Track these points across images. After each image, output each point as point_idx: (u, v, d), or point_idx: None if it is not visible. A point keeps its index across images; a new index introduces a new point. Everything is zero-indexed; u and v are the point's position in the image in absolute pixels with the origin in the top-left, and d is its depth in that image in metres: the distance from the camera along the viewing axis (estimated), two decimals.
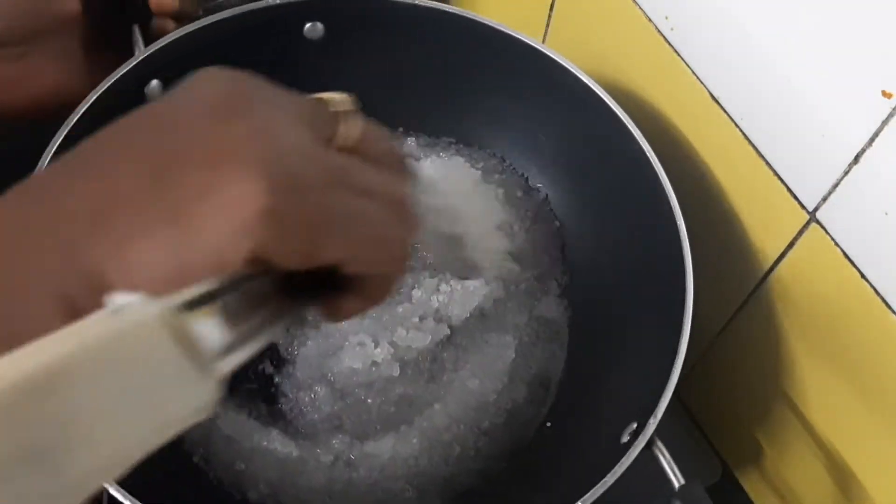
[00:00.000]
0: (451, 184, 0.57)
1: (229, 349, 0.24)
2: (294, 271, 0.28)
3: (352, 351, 0.53)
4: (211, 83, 0.28)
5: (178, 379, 0.22)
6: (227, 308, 0.24)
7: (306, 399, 0.53)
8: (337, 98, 0.31)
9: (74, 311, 0.25)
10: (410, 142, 0.64)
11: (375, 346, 0.53)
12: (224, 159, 0.26)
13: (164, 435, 0.22)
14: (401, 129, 0.65)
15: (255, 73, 0.30)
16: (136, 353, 0.21)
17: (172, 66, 0.55)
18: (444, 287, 0.56)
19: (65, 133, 0.50)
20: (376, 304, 0.32)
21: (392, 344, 0.54)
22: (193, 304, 0.23)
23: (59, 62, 0.55)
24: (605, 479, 0.43)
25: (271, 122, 0.27)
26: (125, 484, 0.42)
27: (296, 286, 0.29)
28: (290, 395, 0.54)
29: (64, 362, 0.19)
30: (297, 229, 0.27)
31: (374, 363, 0.53)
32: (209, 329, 0.23)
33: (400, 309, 0.55)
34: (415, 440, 0.52)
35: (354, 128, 0.31)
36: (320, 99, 0.31)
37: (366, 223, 0.29)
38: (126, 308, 0.21)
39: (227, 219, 0.25)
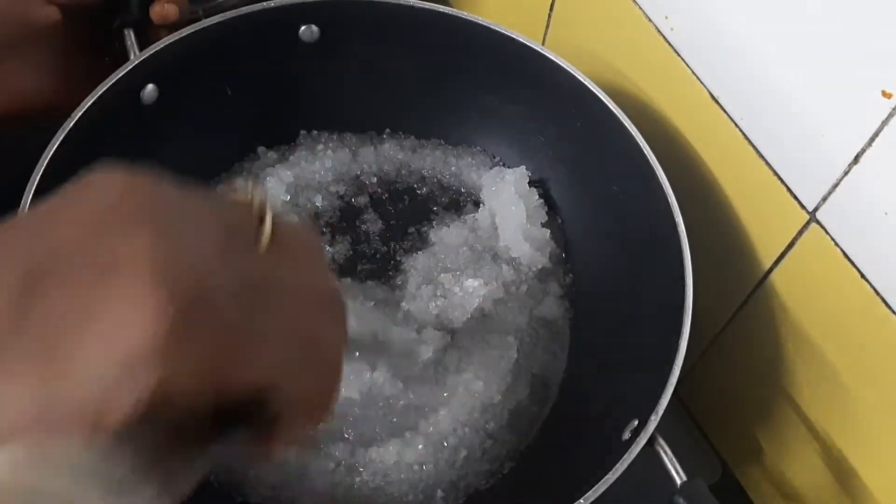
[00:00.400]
0: None
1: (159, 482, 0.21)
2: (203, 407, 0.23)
3: (346, 382, 0.52)
4: (104, 186, 0.24)
5: None
6: (126, 464, 0.21)
7: None
8: (255, 194, 0.27)
9: None
10: (405, 143, 0.64)
11: (373, 371, 0.52)
12: (111, 274, 0.21)
13: None
14: (399, 132, 0.65)
15: (159, 175, 0.25)
16: None
17: (168, 70, 0.55)
18: (440, 291, 0.56)
19: (62, 137, 0.50)
20: (315, 425, 0.27)
21: (391, 365, 0.53)
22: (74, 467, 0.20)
23: (39, 70, 0.55)
24: (608, 476, 0.43)
25: (173, 232, 0.23)
26: None
27: (216, 421, 0.24)
28: None
29: None
30: (203, 358, 0.22)
31: (374, 385, 0.52)
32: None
33: (396, 329, 0.54)
34: (420, 446, 0.52)
35: (271, 223, 0.26)
36: (236, 199, 0.27)
37: (293, 338, 0.25)
38: None
39: (110, 354, 0.20)
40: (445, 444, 0.52)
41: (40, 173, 0.49)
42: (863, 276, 0.46)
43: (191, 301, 0.21)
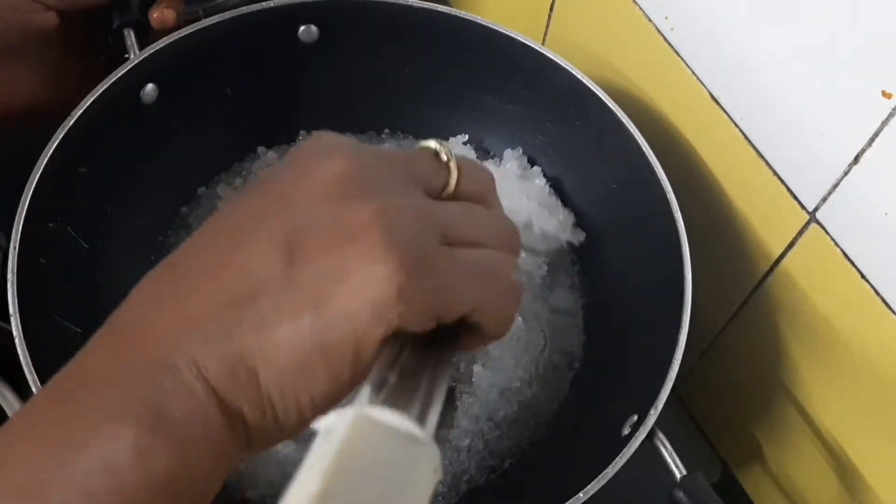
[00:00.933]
0: None
1: (422, 415, 0.25)
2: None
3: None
4: (326, 159, 0.29)
5: (408, 461, 0.23)
6: (398, 385, 0.26)
7: None
8: (439, 147, 0.32)
9: (220, 396, 0.27)
10: (405, 143, 0.64)
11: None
12: (351, 242, 0.27)
13: None
14: (399, 132, 0.65)
15: (357, 140, 0.30)
16: (367, 455, 0.22)
17: (167, 69, 0.55)
18: None
19: (62, 136, 0.50)
20: (499, 336, 0.32)
21: None
22: (374, 392, 0.25)
23: (37, 72, 0.55)
24: (607, 470, 0.43)
25: (388, 195, 0.28)
26: None
27: (429, 340, 0.29)
28: None
29: (322, 494, 0.21)
30: (427, 299, 0.27)
31: None
32: (395, 410, 0.24)
33: None
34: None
35: (457, 172, 0.32)
36: (425, 151, 0.32)
37: (484, 273, 0.30)
38: (333, 428, 0.23)
39: (364, 301, 0.26)
40: (451, 436, 0.52)
41: (40, 173, 0.49)
42: (863, 276, 0.46)
43: (415, 259, 0.27)
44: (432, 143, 0.32)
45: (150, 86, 0.54)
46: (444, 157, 0.32)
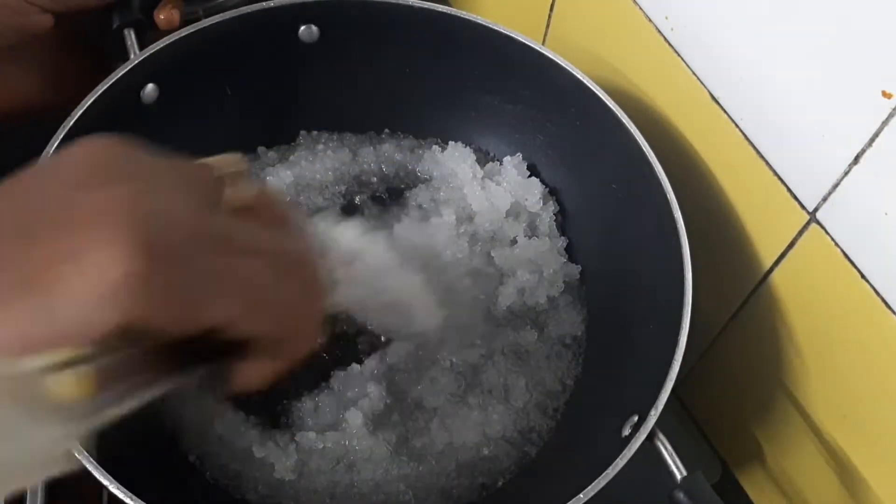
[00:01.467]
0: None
1: (97, 406, 0.24)
2: (187, 337, 0.27)
3: (353, 409, 0.53)
4: (84, 152, 0.28)
5: (20, 433, 0.23)
6: (103, 369, 0.25)
7: (309, 407, 0.53)
8: (225, 161, 0.31)
9: None
10: (405, 143, 0.64)
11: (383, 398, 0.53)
12: (88, 224, 0.25)
13: (15, 482, 0.24)
14: (399, 132, 0.65)
15: (137, 141, 0.29)
16: None
17: (168, 69, 0.55)
18: None
19: (61, 136, 0.50)
20: (283, 368, 0.31)
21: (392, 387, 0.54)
22: (58, 366, 0.24)
23: (33, 74, 0.55)
24: (607, 471, 0.43)
25: (146, 189, 0.27)
26: (126, 482, 0.41)
27: (194, 350, 0.28)
28: (293, 404, 0.54)
29: None
30: (167, 294, 0.26)
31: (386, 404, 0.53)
32: (66, 389, 0.24)
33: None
34: (420, 444, 0.52)
35: (244, 190, 0.31)
36: (205, 163, 0.31)
37: (248, 284, 0.28)
38: None
39: (90, 285, 0.25)
40: (447, 447, 0.52)
41: None
42: (863, 276, 0.46)
43: (159, 247, 0.25)
44: (215, 158, 0.31)
45: (150, 86, 0.55)
46: (220, 173, 0.30)
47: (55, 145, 0.49)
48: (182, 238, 0.26)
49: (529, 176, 0.62)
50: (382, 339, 0.55)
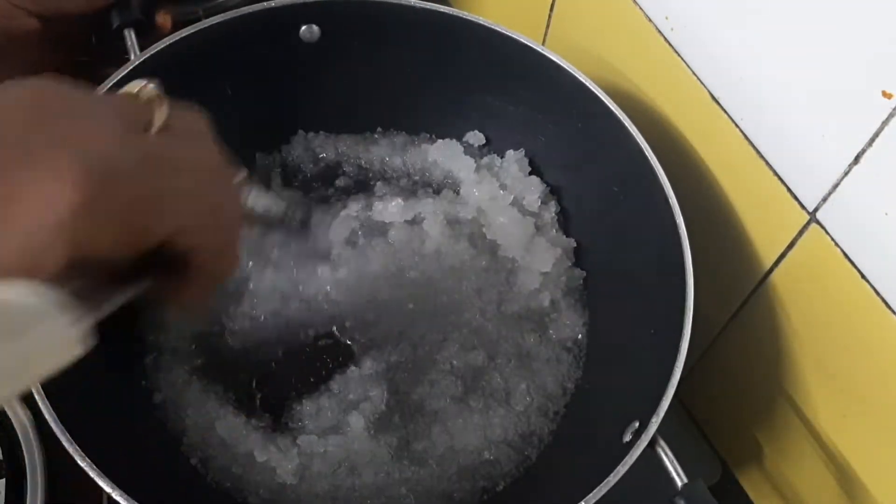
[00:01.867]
0: None
1: (84, 309, 0.27)
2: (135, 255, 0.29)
3: (355, 413, 0.53)
4: (18, 91, 0.29)
5: (28, 327, 0.25)
6: (76, 286, 0.27)
7: (311, 410, 0.53)
8: (142, 86, 0.33)
9: None
10: (404, 142, 0.64)
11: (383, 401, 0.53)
12: (32, 161, 0.27)
13: (37, 371, 0.26)
14: (398, 131, 0.65)
15: (60, 78, 0.31)
16: None
17: (168, 69, 0.54)
18: None
19: None
20: (213, 285, 0.33)
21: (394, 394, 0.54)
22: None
23: (21, 72, 0.55)
24: (609, 478, 0.43)
25: (80, 121, 0.29)
26: (126, 487, 0.41)
27: (141, 265, 0.31)
28: (295, 407, 0.54)
29: None
30: (115, 217, 0.27)
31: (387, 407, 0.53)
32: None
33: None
34: (420, 446, 0.52)
35: (163, 111, 0.33)
36: (128, 92, 0.33)
37: (187, 196, 0.30)
38: None
39: (40, 218, 0.26)
40: (448, 451, 0.52)
41: None
42: (863, 276, 0.46)
43: (101, 174, 0.27)
44: (133, 85, 0.33)
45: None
46: (146, 96, 0.33)
47: None
48: (119, 163, 0.28)
49: (530, 173, 0.62)
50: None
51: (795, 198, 0.49)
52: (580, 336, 0.58)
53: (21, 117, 0.28)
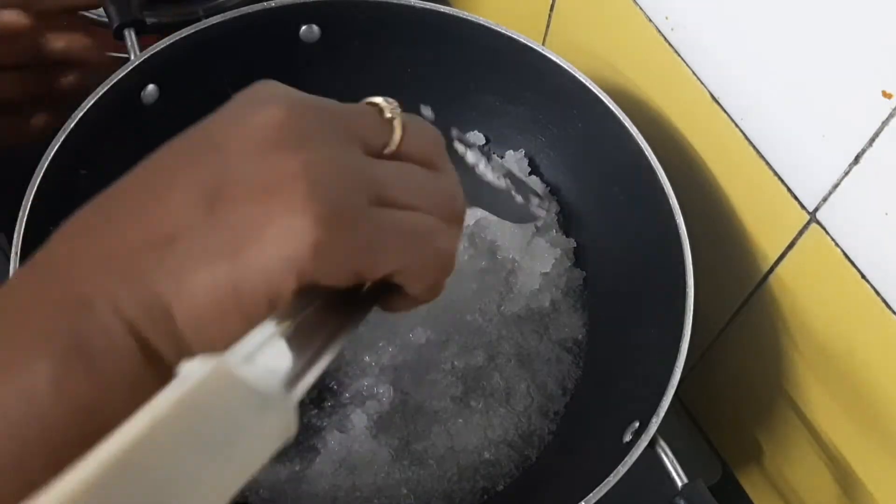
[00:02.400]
0: None
1: (299, 374, 0.25)
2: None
3: (358, 411, 0.53)
4: (265, 107, 0.29)
5: (252, 418, 0.23)
6: (290, 338, 0.26)
7: (312, 410, 0.53)
8: (384, 103, 0.32)
9: (138, 334, 0.27)
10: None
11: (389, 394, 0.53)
12: (275, 193, 0.27)
13: (251, 468, 0.23)
14: None
15: (305, 91, 0.30)
16: (206, 407, 0.22)
17: (168, 70, 0.55)
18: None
19: (62, 138, 0.50)
20: (422, 302, 0.33)
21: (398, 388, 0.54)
22: (256, 350, 0.24)
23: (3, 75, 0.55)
24: (608, 478, 0.43)
25: (321, 148, 0.28)
26: None
27: (347, 295, 0.30)
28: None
29: (146, 435, 0.20)
30: (345, 256, 0.27)
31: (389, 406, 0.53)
32: (275, 363, 0.24)
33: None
34: (423, 448, 0.52)
35: (401, 130, 0.32)
36: (373, 106, 0.32)
37: (412, 236, 0.30)
38: (190, 371, 0.22)
39: (279, 252, 0.26)
40: (448, 451, 0.52)
41: (41, 174, 0.49)
42: (863, 276, 0.46)
43: (336, 214, 0.27)
44: (378, 100, 0.32)
45: (150, 87, 0.54)
46: (388, 115, 0.32)
47: (56, 147, 0.49)
48: (355, 195, 0.28)
49: (530, 174, 0.62)
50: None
51: (795, 198, 0.49)
52: (580, 336, 0.58)
53: (267, 138, 0.28)
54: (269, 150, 0.27)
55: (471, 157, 0.42)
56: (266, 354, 0.25)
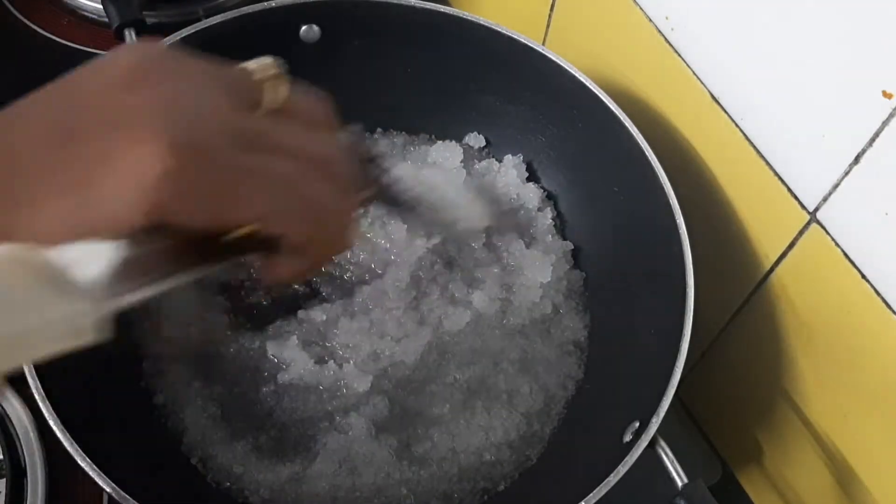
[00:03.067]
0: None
1: (117, 286, 0.27)
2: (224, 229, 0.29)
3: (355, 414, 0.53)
4: (125, 54, 0.29)
5: (45, 295, 0.25)
6: (126, 258, 0.27)
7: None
8: (262, 64, 0.31)
9: None
10: (403, 142, 0.64)
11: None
12: (126, 124, 0.27)
13: (31, 347, 0.25)
14: (398, 131, 0.65)
15: (179, 46, 0.30)
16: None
17: None
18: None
19: None
20: (312, 268, 0.32)
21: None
22: (83, 254, 0.26)
23: None
24: (609, 478, 0.43)
25: (182, 90, 0.28)
26: (126, 487, 0.41)
27: (224, 243, 0.30)
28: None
29: None
30: (199, 191, 0.27)
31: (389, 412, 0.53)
32: (95, 267, 0.26)
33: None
34: (423, 449, 0.52)
35: (280, 92, 0.31)
36: (244, 68, 0.31)
37: (281, 183, 0.29)
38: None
39: (126, 181, 0.26)
40: (449, 452, 0.52)
41: None
42: (863, 276, 0.46)
43: (190, 146, 0.27)
44: (252, 63, 0.31)
45: None
46: (259, 75, 0.31)
47: None
48: (214, 137, 0.27)
49: (528, 178, 0.62)
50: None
51: (795, 198, 0.49)
52: (582, 338, 0.58)
53: (126, 77, 0.28)
54: (126, 86, 0.28)
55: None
56: (91, 259, 0.26)
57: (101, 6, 0.58)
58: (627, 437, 0.46)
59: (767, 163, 0.49)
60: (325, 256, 0.33)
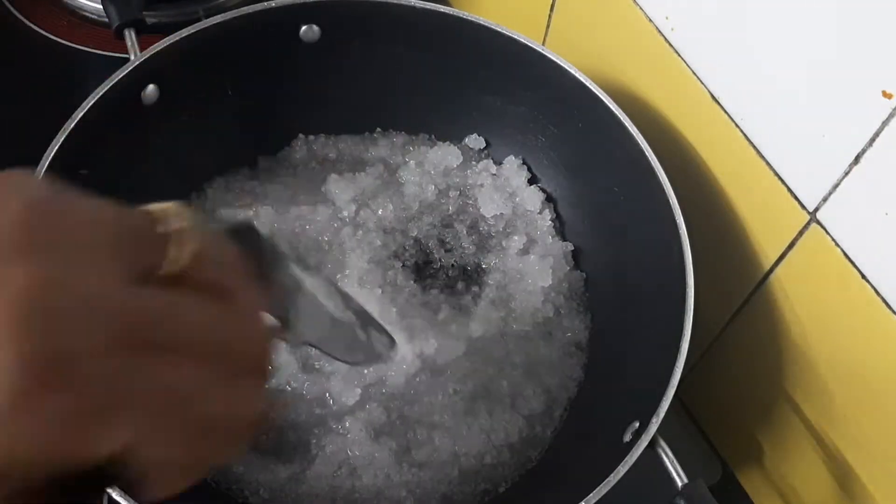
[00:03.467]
0: None
1: None
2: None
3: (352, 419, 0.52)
4: (4, 203, 0.22)
5: None
6: None
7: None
8: (170, 212, 0.25)
9: None
10: (404, 142, 0.64)
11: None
12: None
13: None
14: (398, 131, 0.65)
15: (71, 185, 0.24)
16: None
17: (169, 70, 0.55)
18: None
19: (63, 138, 0.50)
20: (194, 481, 0.25)
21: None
22: None
23: None
24: (609, 478, 0.43)
25: (62, 264, 0.21)
26: (126, 486, 0.41)
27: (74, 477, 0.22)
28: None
29: None
30: (54, 425, 0.20)
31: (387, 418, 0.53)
32: None
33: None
34: (423, 451, 0.52)
35: (188, 247, 0.24)
36: (149, 214, 0.25)
37: (163, 402, 0.22)
38: None
39: None
40: (449, 454, 0.52)
41: (41, 174, 0.49)
42: (863, 276, 0.46)
43: (57, 359, 0.20)
44: (159, 206, 0.25)
45: (150, 87, 0.54)
46: (172, 225, 0.24)
47: (56, 147, 0.49)
48: (89, 338, 0.21)
49: (529, 180, 0.62)
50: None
51: (795, 198, 0.49)
52: (583, 340, 0.58)
53: None
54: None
55: (310, 283, 0.34)
56: None
57: (101, 6, 0.58)
58: (627, 438, 0.46)
59: (767, 163, 0.49)
60: (208, 470, 0.26)
